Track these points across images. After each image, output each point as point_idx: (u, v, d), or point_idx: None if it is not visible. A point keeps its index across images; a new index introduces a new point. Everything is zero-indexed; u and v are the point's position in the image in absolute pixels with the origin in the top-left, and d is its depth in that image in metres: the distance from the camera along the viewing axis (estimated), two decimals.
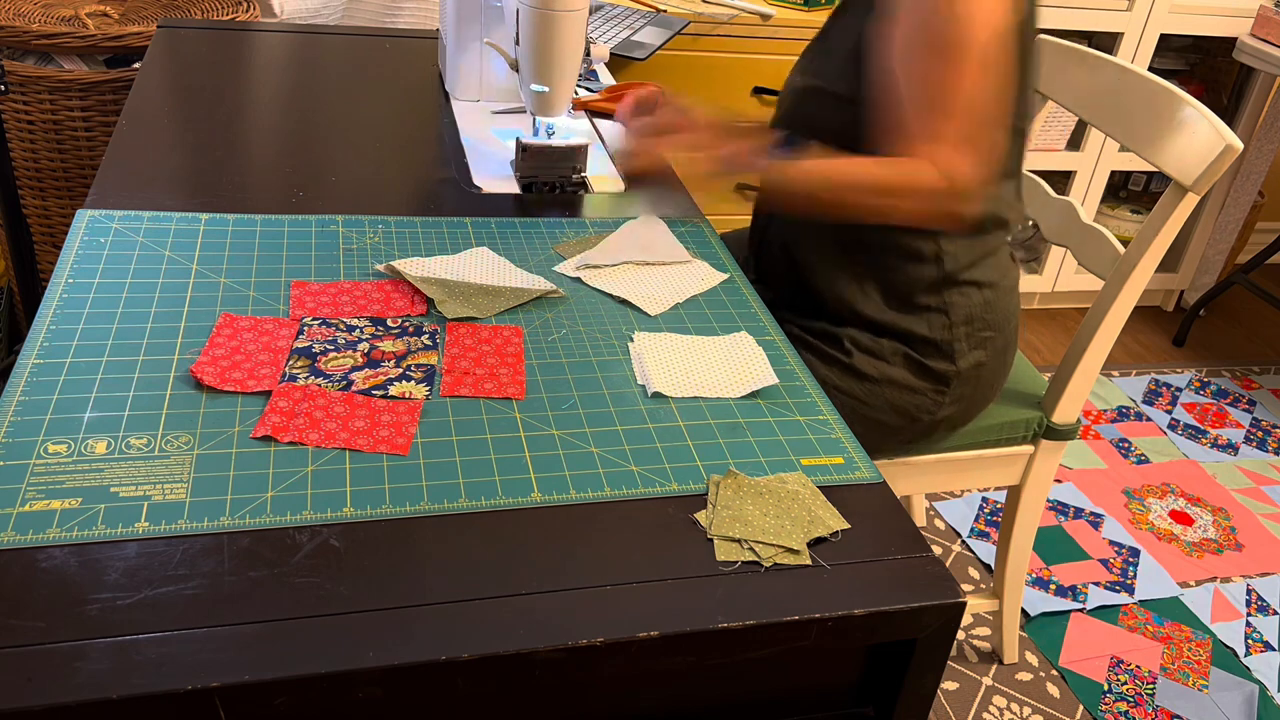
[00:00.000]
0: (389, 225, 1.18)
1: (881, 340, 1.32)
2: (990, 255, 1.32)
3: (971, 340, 1.33)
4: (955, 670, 1.78)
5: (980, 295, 1.32)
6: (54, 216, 2.03)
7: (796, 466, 0.88)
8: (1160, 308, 3.09)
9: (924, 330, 1.31)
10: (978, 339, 1.33)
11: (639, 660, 0.71)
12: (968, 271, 1.31)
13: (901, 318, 1.31)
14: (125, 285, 1.01)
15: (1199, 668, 1.84)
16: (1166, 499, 2.27)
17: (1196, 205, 1.35)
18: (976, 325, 1.33)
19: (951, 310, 1.31)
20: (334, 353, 0.95)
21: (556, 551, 0.76)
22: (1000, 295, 1.34)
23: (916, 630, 0.77)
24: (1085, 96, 1.51)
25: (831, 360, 1.32)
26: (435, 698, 0.71)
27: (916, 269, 1.30)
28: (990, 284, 1.33)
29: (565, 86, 1.31)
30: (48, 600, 0.67)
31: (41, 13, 1.98)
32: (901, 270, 1.30)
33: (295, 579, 0.71)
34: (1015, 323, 1.40)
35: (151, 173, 1.24)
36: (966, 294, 1.31)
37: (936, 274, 1.30)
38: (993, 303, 1.33)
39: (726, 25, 2.16)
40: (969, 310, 1.32)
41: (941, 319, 1.31)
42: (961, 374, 1.33)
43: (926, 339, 1.32)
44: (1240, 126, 2.79)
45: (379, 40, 1.81)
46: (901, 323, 1.31)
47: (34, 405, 0.84)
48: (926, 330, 1.31)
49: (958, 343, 1.32)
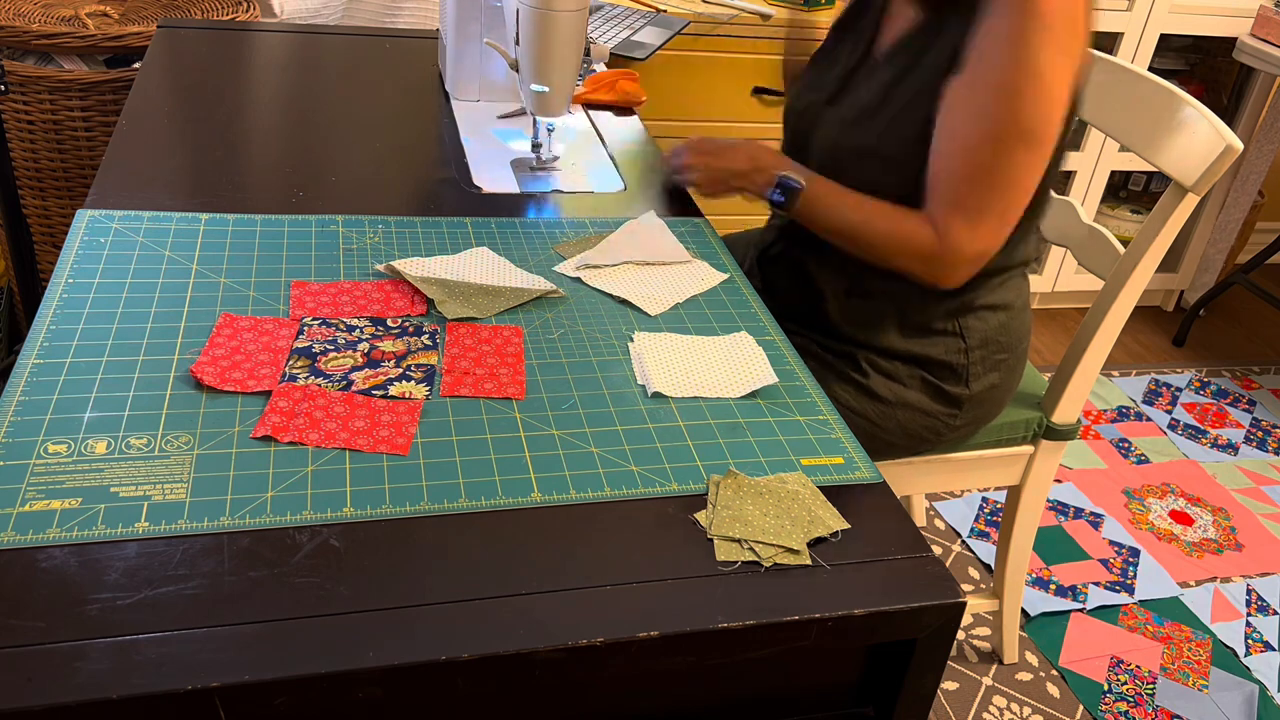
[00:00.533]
0: (389, 225, 1.18)
1: (898, 364, 1.31)
2: (1008, 280, 1.32)
3: (986, 364, 1.32)
4: (955, 670, 1.78)
5: (996, 318, 1.31)
6: (54, 216, 2.03)
7: (796, 466, 0.88)
8: (1160, 308, 3.09)
9: (940, 354, 1.30)
10: (992, 361, 1.33)
11: (639, 660, 0.71)
12: (985, 297, 1.30)
13: (918, 343, 1.30)
14: (125, 285, 1.01)
15: (1199, 668, 1.84)
16: (1166, 499, 2.27)
17: (1196, 205, 1.35)
18: (991, 348, 1.32)
19: (968, 335, 1.30)
20: (334, 353, 0.95)
21: (556, 551, 0.76)
22: (1014, 316, 1.33)
23: (916, 630, 0.77)
24: (1085, 96, 1.51)
25: (847, 379, 1.31)
26: (435, 698, 0.71)
27: (935, 299, 1.27)
28: (1005, 306, 1.32)
29: (565, 86, 1.31)
30: (48, 600, 0.68)
31: (41, 13, 1.98)
32: (919, 300, 1.28)
33: (295, 579, 0.71)
34: (1027, 341, 1.39)
35: (151, 173, 1.24)
36: (983, 318, 1.30)
37: (955, 303, 1.28)
38: (1007, 324, 1.32)
39: (726, 25, 2.16)
40: (985, 334, 1.31)
41: (958, 343, 1.30)
42: (974, 396, 1.33)
43: (942, 363, 1.30)
44: (1240, 126, 2.79)
45: (379, 40, 1.81)
46: (917, 348, 1.30)
47: (34, 405, 0.84)
48: (943, 354, 1.30)
49: (973, 366, 1.31)
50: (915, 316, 1.29)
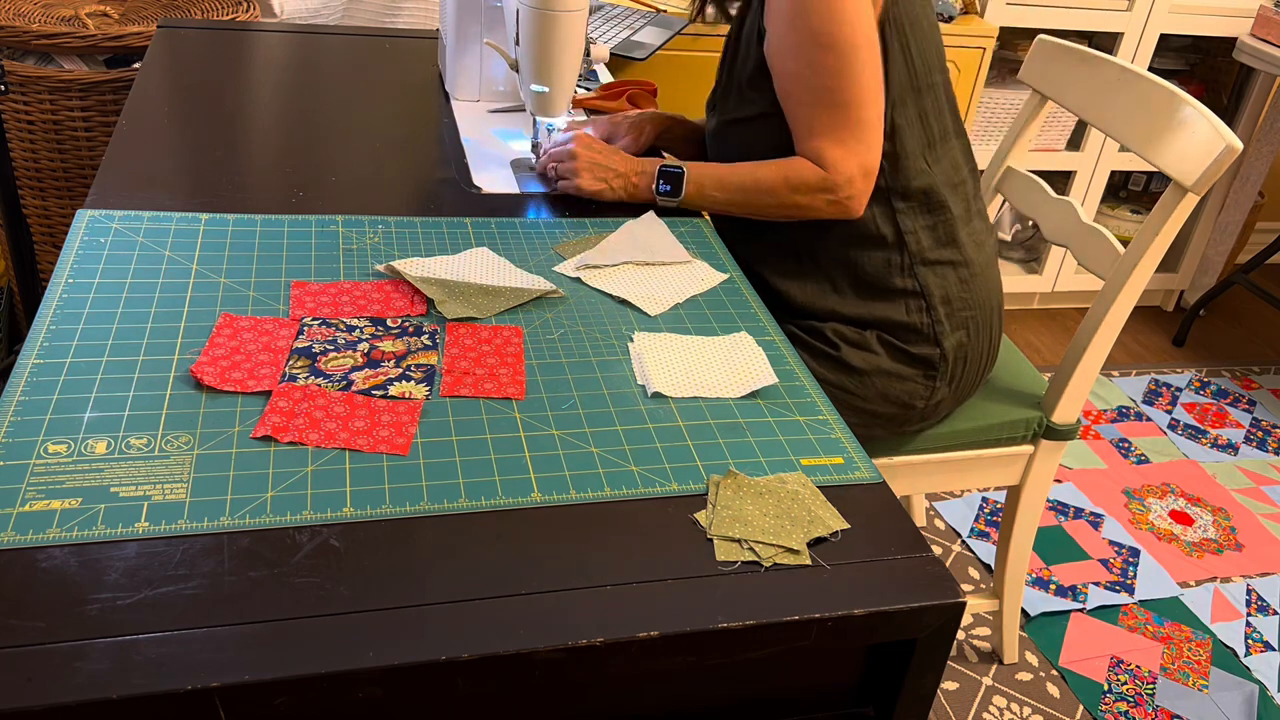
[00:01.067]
0: (389, 225, 1.18)
1: (865, 332, 1.33)
2: (955, 232, 1.34)
3: (953, 321, 1.34)
4: (955, 670, 1.78)
5: (955, 274, 1.34)
6: (54, 216, 2.03)
7: (796, 466, 0.88)
8: (1160, 308, 3.09)
9: (903, 316, 1.33)
10: (958, 319, 1.34)
11: (639, 660, 0.71)
12: (936, 251, 1.32)
13: (878, 305, 1.33)
14: (125, 285, 1.01)
15: (1199, 668, 1.84)
16: (1166, 499, 2.27)
17: (1196, 205, 1.35)
18: (955, 305, 1.34)
19: (928, 293, 1.32)
20: (334, 353, 0.95)
21: (556, 552, 0.76)
22: (976, 273, 1.36)
23: (916, 630, 0.77)
24: (1085, 97, 1.51)
25: (819, 354, 1.33)
26: (435, 698, 0.71)
27: (882, 255, 1.32)
28: (964, 262, 1.34)
29: (565, 86, 1.31)
30: (48, 600, 0.67)
31: (41, 13, 1.98)
32: (868, 259, 1.32)
33: (295, 579, 0.71)
34: (997, 300, 1.41)
35: (151, 173, 1.24)
36: (941, 274, 1.33)
37: (903, 258, 1.31)
38: (968, 281, 1.35)
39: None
40: (945, 290, 1.33)
41: (919, 302, 1.33)
42: (945, 356, 1.34)
43: (907, 325, 1.33)
44: (1240, 127, 2.79)
45: (379, 40, 1.81)
46: (879, 311, 1.33)
47: (34, 405, 0.84)
48: (905, 315, 1.33)
49: (939, 324, 1.33)
50: (865, 277, 1.33)
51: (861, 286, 1.33)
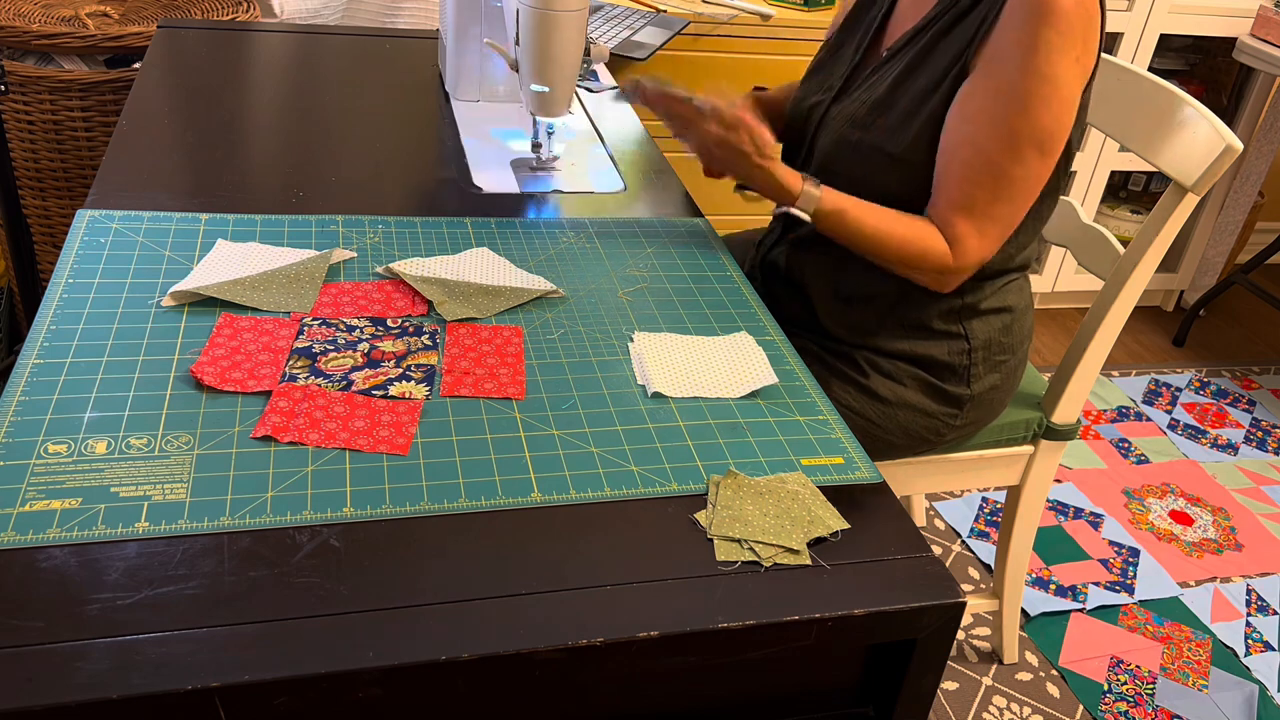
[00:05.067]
0: (389, 225, 1.18)
1: (898, 364, 1.30)
2: (1011, 283, 1.31)
3: (988, 364, 1.32)
4: (955, 670, 1.78)
5: (1000, 321, 1.31)
6: (54, 216, 2.03)
7: (796, 466, 0.88)
8: (1160, 308, 3.09)
9: (943, 355, 1.30)
10: (993, 363, 1.32)
11: (639, 660, 0.71)
12: (989, 300, 1.29)
13: (918, 344, 1.30)
14: (125, 285, 1.01)
15: (1199, 668, 1.84)
16: (1166, 499, 2.27)
17: (1196, 205, 1.35)
18: (994, 349, 1.32)
19: (972, 337, 1.30)
20: (334, 353, 0.95)
21: (557, 551, 0.76)
22: (1017, 318, 1.33)
23: (916, 630, 0.77)
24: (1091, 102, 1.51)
25: (846, 379, 1.30)
26: (435, 698, 0.71)
27: (930, 300, 1.27)
28: (1009, 309, 1.32)
29: (565, 86, 1.31)
30: (48, 600, 0.68)
31: (41, 13, 1.98)
32: (912, 302, 1.27)
33: (295, 579, 0.71)
34: (1029, 343, 1.39)
35: (151, 173, 1.24)
36: (988, 321, 1.30)
37: (956, 304, 1.28)
38: (1010, 326, 1.32)
39: (726, 25, 2.16)
40: (989, 336, 1.30)
41: (961, 344, 1.30)
42: (975, 397, 1.33)
43: (944, 364, 1.30)
44: (1240, 127, 2.79)
45: (379, 40, 1.81)
46: (918, 348, 1.30)
47: (34, 405, 0.84)
48: (945, 355, 1.30)
49: (975, 367, 1.31)
50: (911, 317, 1.29)
51: (903, 326, 1.29)
